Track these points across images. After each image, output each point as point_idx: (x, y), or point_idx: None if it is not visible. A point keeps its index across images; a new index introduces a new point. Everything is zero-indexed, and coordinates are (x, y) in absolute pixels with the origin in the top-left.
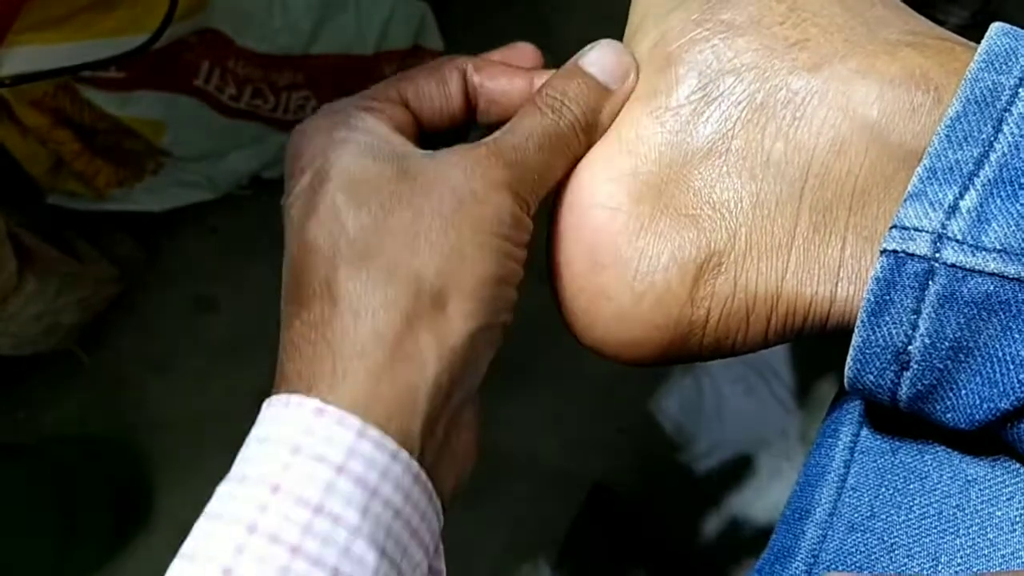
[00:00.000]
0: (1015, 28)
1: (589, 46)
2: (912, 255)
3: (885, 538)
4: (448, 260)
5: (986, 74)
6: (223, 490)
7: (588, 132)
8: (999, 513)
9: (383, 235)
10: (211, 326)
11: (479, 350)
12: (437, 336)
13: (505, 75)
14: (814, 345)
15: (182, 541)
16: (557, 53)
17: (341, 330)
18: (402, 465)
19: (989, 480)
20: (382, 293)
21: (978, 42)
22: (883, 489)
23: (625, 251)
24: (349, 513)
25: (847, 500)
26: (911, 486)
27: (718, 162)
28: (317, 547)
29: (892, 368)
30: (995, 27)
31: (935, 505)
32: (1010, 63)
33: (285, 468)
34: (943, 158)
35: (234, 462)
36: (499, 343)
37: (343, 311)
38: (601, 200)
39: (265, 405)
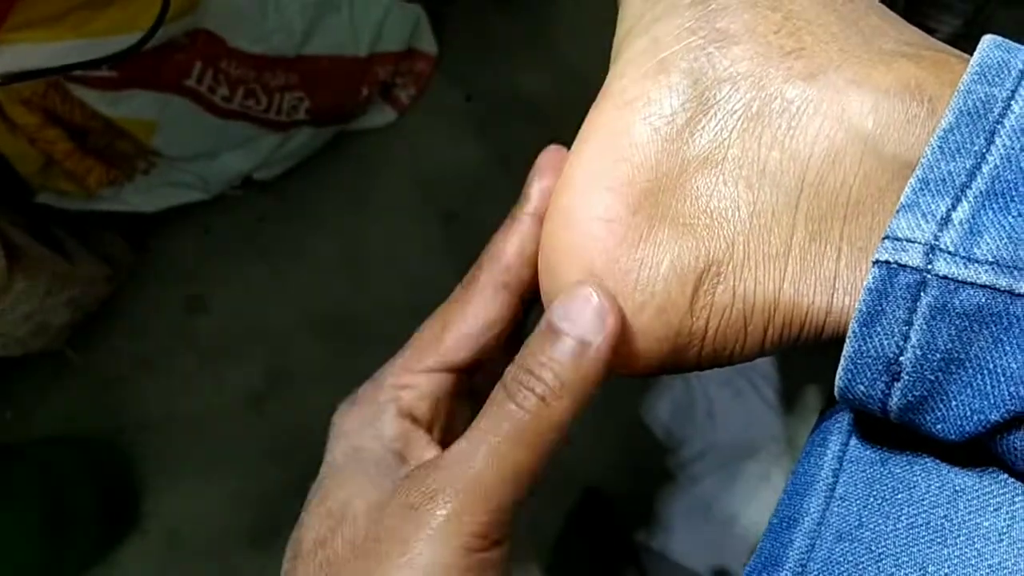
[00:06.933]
0: (1007, 40)
1: (559, 299)
2: (904, 266)
3: (873, 548)
4: None
5: (979, 86)
6: None
7: (571, 394)
8: (987, 524)
9: None
10: (201, 326)
11: None
12: None
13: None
14: (804, 350)
15: (170, 541)
16: (553, 54)
17: None
18: None
19: (977, 491)
20: None
21: (971, 53)
22: (871, 499)
23: (624, 263)
24: None
25: (835, 509)
26: (899, 496)
27: (714, 171)
28: None
29: (883, 379)
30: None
31: (923, 515)
32: (1002, 75)
33: None
34: (936, 169)
35: None
36: None
37: None
38: (598, 212)
39: None
